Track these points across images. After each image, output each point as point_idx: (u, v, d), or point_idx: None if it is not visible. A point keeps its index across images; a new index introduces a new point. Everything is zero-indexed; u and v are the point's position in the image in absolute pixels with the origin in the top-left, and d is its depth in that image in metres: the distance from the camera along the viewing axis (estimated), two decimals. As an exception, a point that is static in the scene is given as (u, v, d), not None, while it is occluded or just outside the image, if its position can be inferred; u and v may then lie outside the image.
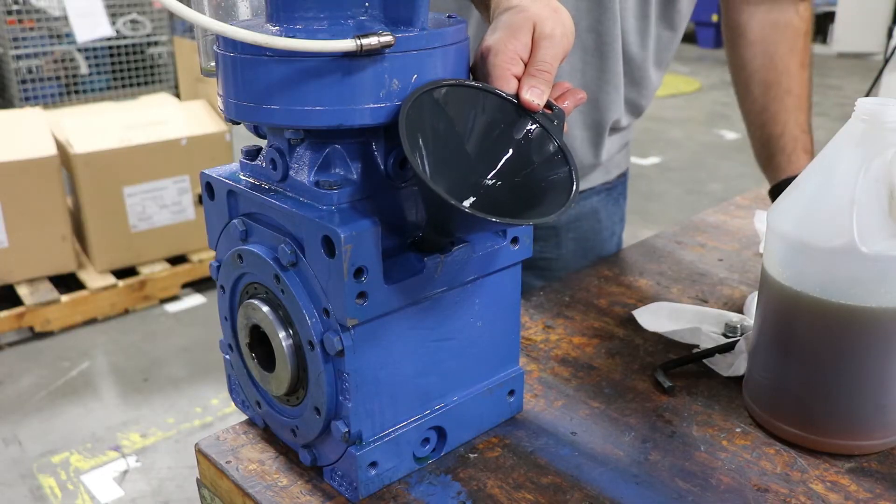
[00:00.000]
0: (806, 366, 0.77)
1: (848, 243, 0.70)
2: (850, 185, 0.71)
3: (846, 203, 0.71)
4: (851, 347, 0.74)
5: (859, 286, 0.71)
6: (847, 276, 0.71)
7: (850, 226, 0.70)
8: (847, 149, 0.73)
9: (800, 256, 0.74)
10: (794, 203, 0.76)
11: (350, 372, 0.68)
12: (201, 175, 0.78)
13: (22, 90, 3.92)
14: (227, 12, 0.82)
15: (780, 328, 0.79)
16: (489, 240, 0.75)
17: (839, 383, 0.75)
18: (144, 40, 4.21)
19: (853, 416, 0.76)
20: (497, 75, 0.69)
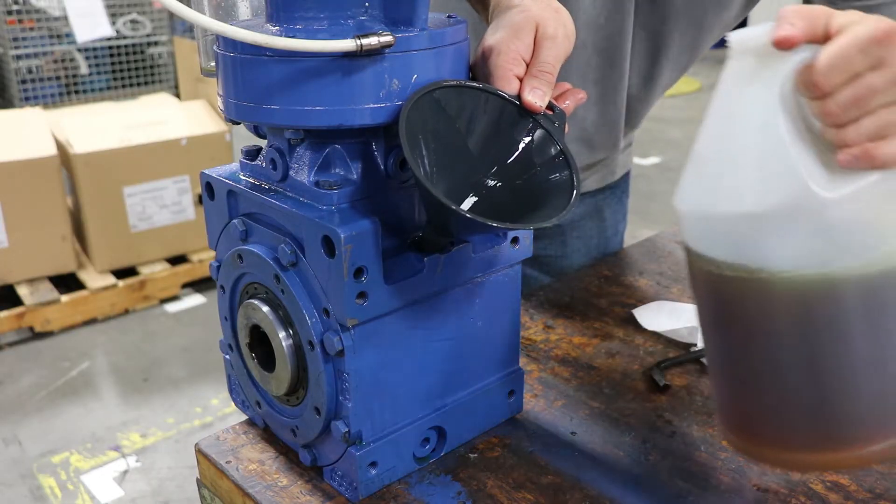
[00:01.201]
0: (782, 370, 0.62)
1: (800, 194, 0.56)
2: (769, 129, 0.57)
3: (774, 150, 0.57)
4: (845, 324, 0.59)
5: (833, 245, 0.57)
6: (814, 237, 0.57)
7: (795, 174, 0.56)
8: (742, 92, 0.59)
9: (745, 232, 0.59)
10: (705, 177, 0.61)
11: (350, 372, 0.68)
12: (201, 175, 0.78)
13: (22, 90, 3.91)
14: (227, 12, 0.82)
15: (744, 335, 0.63)
16: (489, 240, 0.75)
17: (825, 381, 0.60)
18: (144, 40, 4.21)
19: (847, 417, 0.62)
20: (499, 75, 0.69)
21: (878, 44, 0.54)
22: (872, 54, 0.54)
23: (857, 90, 0.54)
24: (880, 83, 0.54)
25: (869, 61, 0.54)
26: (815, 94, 0.55)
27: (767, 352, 0.62)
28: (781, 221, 0.57)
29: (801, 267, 0.58)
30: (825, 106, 0.55)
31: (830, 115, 0.55)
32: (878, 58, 0.54)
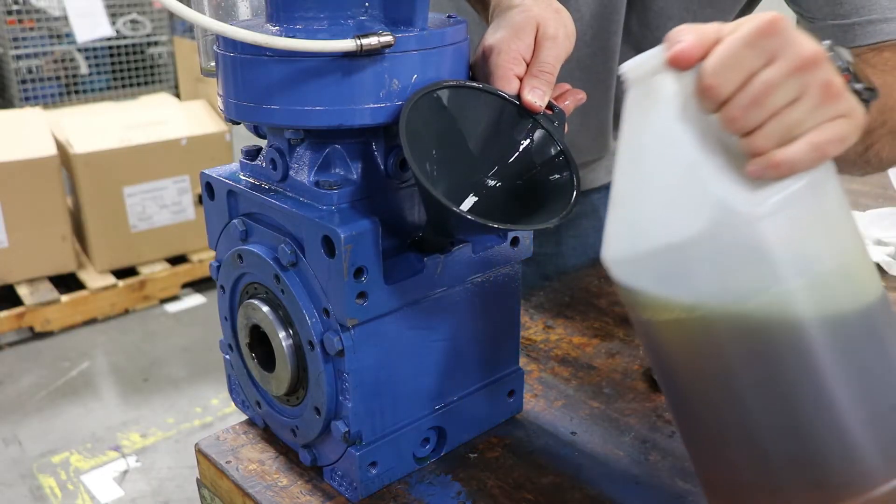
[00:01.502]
0: (752, 424, 0.55)
1: (719, 215, 0.51)
2: (675, 153, 0.54)
3: (684, 175, 0.53)
4: (810, 359, 0.53)
5: (772, 266, 0.52)
6: (748, 259, 0.52)
7: (709, 194, 0.52)
8: (643, 121, 0.56)
9: (672, 268, 0.54)
10: (625, 220, 0.57)
11: (350, 372, 0.68)
12: (201, 175, 0.78)
13: (22, 90, 3.91)
14: (227, 12, 0.82)
15: (699, 388, 0.58)
16: (489, 240, 0.75)
17: (803, 430, 0.54)
18: (144, 40, 4.20)
19: (839, 463, 0.54)
20: (499, 75, 0.69)
21: (765, 36, 0.51)
22: (762, 48, 0.51)
23: (754, 89, 0.51)
24: (776, 77, 0.51)
25: (760, 56, 0.51)
26: (713, 101, 0.52)
27: (729, 405, 0.56)
28: (706, 249, 0.52)
29: (741, 297, 0.52)
30: (726, 113, 0.52)
31: (733, 121, 0.52)
32: (769, 51, 0.51)
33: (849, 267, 0.55)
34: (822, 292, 0.53)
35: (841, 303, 0.53)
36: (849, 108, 0.52)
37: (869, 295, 0.55)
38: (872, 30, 0.88)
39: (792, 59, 0.51)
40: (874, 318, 0.55)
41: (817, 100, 0.51)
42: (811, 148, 0.51)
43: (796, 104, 0.51)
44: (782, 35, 0.51)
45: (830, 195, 0.54)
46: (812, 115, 0.51)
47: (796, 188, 0.52)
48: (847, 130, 0.52)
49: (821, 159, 0.51)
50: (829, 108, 0.51)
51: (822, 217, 0.53)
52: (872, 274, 0.57)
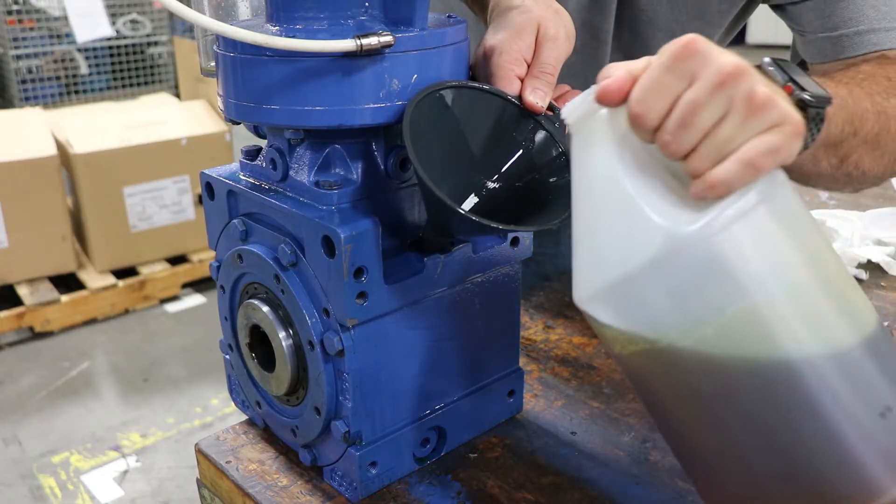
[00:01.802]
0: (737, 449, 0.55)
1: (662, 241, 0.51)
2: (615, 186, 0.54)
3: (625, 206, 0.54)
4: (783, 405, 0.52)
5: (726, 286, 0.51)
6: (700, 282, 0.51)
7: (649, 221, 0.52)
8: (586, 161, 0.57)
9: (631, 300, 0.54)
10: (585, 260, 0.57)
11: (350, 372, 0.68)
12: (201, 175, 0.78)
13: (22, 90, 3.91)
14: (227, 12, 0.82)
15: (677, 418, 0.58)
16: (489, 240, 0.75)
17: (787, 456, 0.53)
18: (144, 40, 4.21)
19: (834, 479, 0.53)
20: (500, 76, 0.69)
21: (682, 59, 0.52)
22: (681, 71, 0.52)
23: (680, 111, 0.52)
24: (699, 96, 0.51)
25: (681, 79, 0.52)
26: (644, 129, 0.53)
27: (709, 430, 0.56)
28: (656, 277, 0.52)
29: (699, 321, 0.52)
30: (659, 139, 0.53)
31: (667, 146, 0.53)
32: (689, 72, 0.52)
33: (799, 279, 0.52)
34: (779, 309, 0.51)
35: (803, 318, 0.52)
36: (780, 116, 0.51)
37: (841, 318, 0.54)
38: (860, 41, 0.88)
39: (712, 77, 0.51)
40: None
41: (744, 113, 0.51)
42: (743, 164, 0.51)
43: (725, 121, 0.51)
44: (699, 55, 0.52)
45: (781, 208, 0.53)
46: (741, 130, 0.51)
47: (738, 205, 0.51)
48: (779, 140, 0.51)
49: (755, 174, 0.51)
50: (757, 120, 0.51)
51: (772, 230, 0.52)
52: (841, 282, 0.55)
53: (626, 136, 0.55)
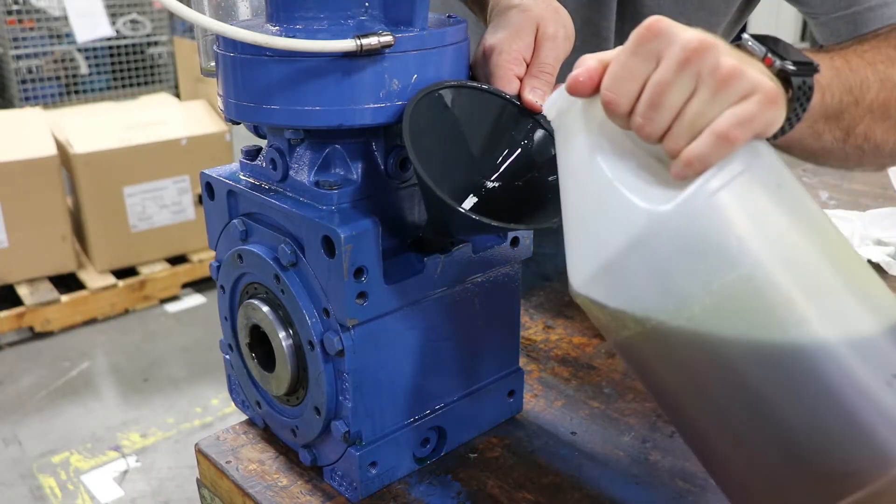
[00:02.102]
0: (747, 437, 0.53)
1: (641, 221, 0.51)
2: (595, 172, 0.55)
3: (605, 189, 0.54)
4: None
5: (708, 262, 0.50)
6: (683, 258, 0.50)
7: (628, 202, 0.52)
8: (568, 152, 0.58)
9: (619, 281, 0.53)
10: (574, 251, 0.57)
11: (350, 372, 0.68)
12: (201, 175, 0.78)
13: (22, 90, 3.91)
14: (227, 12, 0.82)
15: (676, 404, 0.57)
16: (489, 240, 0.75)
17: (791, 438, 0.51)
18: (144, 40, 4.20)
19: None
20: (500, 75, 0.69)
21: (646, 41, 0.52)
22: (646, 52, 0.52)
23: (649, 93, 0.52)
24: (666, 75, 0.51)
25: (647, 61, 0.52)
26: (618, 115, 0.54)
27: (709, 414, 0.54)
28: (636, 258, 0.52)
29: (683, 301, 0.51)
30: (633, 124, 0.53)
31: (642, 129, 0.53)
32: (654, 53, 0.52)
33: (791, 249, 0.51)
34: (767, 284, 0.50)
35: (804, 295, 0.50)
36: (750, 86, 0.51)
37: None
38: (873, 16, 0.87)
39: (676, 55, 0.51)
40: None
41: (712, 87, 0.51)
42: (715, 137, 0.50)
43: (694, 97, 0.51)
44: (663, 35, 0.52)
45: (763, 180, 0.52)
46: (712, 104, 0.51)
47: (712, 180, 0.50)
48: (751, 110, 0.51)
49: (729, 146, 0.50)
50: (726, 92, 0.51)
51: (751, 203, 0.51)
52: (828, 245, 0.53)
53: (603, 125, 0.55)
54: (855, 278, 0.53)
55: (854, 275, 0.53)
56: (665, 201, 0.51)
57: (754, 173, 0.51)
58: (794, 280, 0.50)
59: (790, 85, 0.59)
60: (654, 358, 0.56)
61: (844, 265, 0.53)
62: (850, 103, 0.73)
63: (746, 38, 0.61)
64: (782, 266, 0.50)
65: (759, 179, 0.52)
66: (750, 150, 0.52)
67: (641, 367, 0.58)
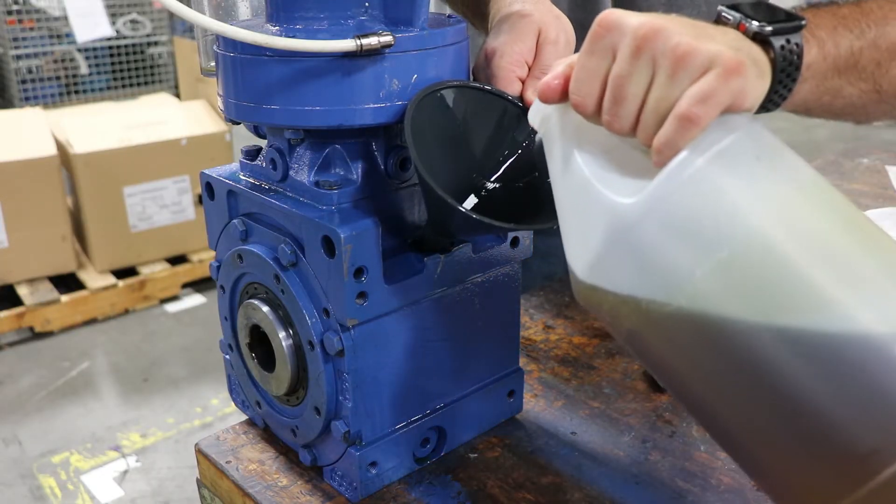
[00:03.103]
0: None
1: (616, 211, 0.51)
2: (575, 171, 0.56)
3: (585, 185, 0.55)
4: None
5: (693, 242, 0.49)
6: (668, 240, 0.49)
7: (602, 196, 0.53)
8: (552, 158, 0.59)
9: (615, 263, 0.52)
10: (570, 245, 0.57)
11: (350, 372, 0.68)
12: (201, 175, 0.78)
13: (22, 90, 3.91)
14: (227, 12, 0.82)
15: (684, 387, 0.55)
16: (489, 240, 0.75)
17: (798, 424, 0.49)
18: (144, 40, 4.21)
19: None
20: (502, 76, 0.70)
21: (599, 37, 0.52)
22: (602, 49, 0.52)
23: (611, 87, 0.52)
24: (623, 67, 0.51)
25: (604, 57, 0.52)
26: (589, 115, 0.54)
27: (713, 399, 0.52)
28: (618, 254, 0.51)
29: (671, 293, 0.49)
30: (604, 121, 0.53)
31: (612, 125, 0.53)
32: (609, 48, 0.52)
33: (774, 223, 0.48)
34: (746, 269, 0.48)
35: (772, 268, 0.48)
36: (706, 60, 0.50)
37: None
38: None
39: (628, 45, 0.51)
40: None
41: (669, 69, 0.50)
42: (678, 120, 0.49)
43: (654, 83, 0.51)
44: (615, 28, 0.52)
45: (739, 154, 0.50)
46: (672, 87, 0.50)
47: (674, 165, 0.50)
48: (709, 85, 0.49)
49: (694, 127, 0.49)
50: (684, 72, 0.50)
51: (724, 182, 0.49)
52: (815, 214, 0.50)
53: (582, 126, 0.56)
54: (855, 243, 0.50)
55: (855, 239, 0.50)
56: (634, 194, 0.51)
57: (726, 150, 0.50)
58: (778, 256, 0.48)
59: (772, 48, 0.57)
60: (651, 347, 0.55)
61: (842, 232, 0.50)
62: (866, 47, 0.67)
63: (721, 8, 0.59)
64: (762, 244, 0.48)
65: (733, 155, 0.50)
66: (722, 126, 0.50)
67: (653, 358, 0.57)
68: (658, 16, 0.51)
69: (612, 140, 0.55)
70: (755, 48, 0.56)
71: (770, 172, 0.50)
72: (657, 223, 0.49)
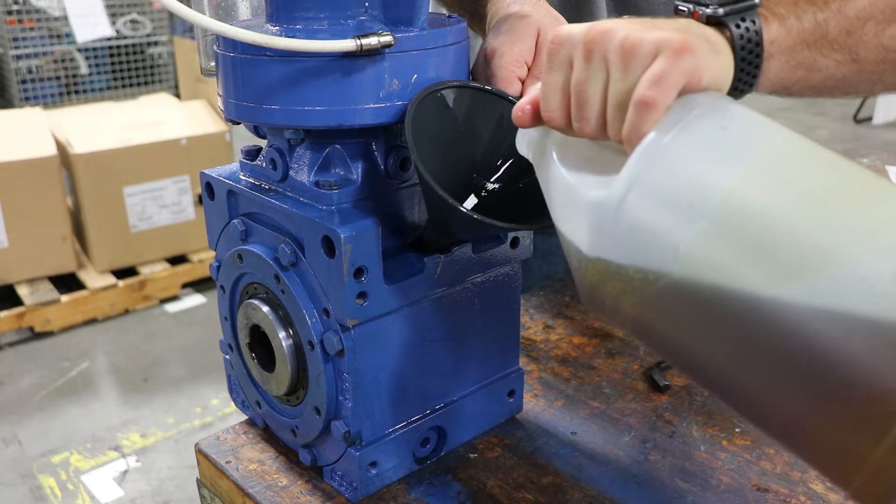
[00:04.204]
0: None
1: (592, 201, 0.53)
2: (559, 177, 0.58)
3: (569, 189, 0.56)
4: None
5: (679, 215, 0.49)
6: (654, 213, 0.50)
7: (578, 191, 0.55)
8: (541, 172, 0.62)
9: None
10: (566, 248, 0.59)
11: (350, 372, 0.68)
12: (201, 175, 0.78)
13: (22, 90, 3.91)
14: (227, 12, 0.82)
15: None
16: (489, 240, 0.75)
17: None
18: (144, 40, 4.21)
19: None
20: (502, 76, 0.70)
21: (555, 53, 0.55)
22: (559, 63, 0.55)
23: (574, 94, 0.55)
24: (579, 73, 0.54)
25: (562, 71, 0.55)
26: (563, 128, 0.57)
27: (717, 364, 0.52)
28: (604, 249, 0.52)
29: (663, 269, 0.49)
30: (575, 128, 0.56)
31: (583, 132, 0.56)
32: (565, 61, 0.55)
33: (744, 192, 0.48)
34: (727, 228, 0.48)
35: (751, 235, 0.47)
36: (653, 46, 0.51)
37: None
38: None
39: (580, 52, 0.53)
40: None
41: (620, 64, 0.52)
42: (637, 107, 0.51)
43: (611, 80, 0.53)
44: (567, 40, 0.55)
45: (700, 129, 0.50)
46: (626, 81, 0.52)
47: (637, 155, 0.51)
48: (660, 67, 0.51)
49: (653, 110, 0.51)
50: (634, 62, 0.52)
51: (690, 158, 0.50)
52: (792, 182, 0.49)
53: (562, 143, 0.59)
54: (837, 192, 0.49)
55: (837, 188, 0.49)
56: (605, 187, 0.52)
57: (689, 125, 0.51)
58: (745, 228, 0.47)
59: (727, 29, 0.59)
60: (668, 324, 0.53)
61: (822, 184, 0.49)
62: (831, 17, 0.66)
63: (677, 2, 0.62)
64: (737, 208, 0.48)
65: (698, 129, 0.50)
66: (685, 105, 0.51)
67: (662, 341, 0.56)
68: (607, 20, 0.54)
69: (592, 149, 0.58)
70: (708, 29, 0.57)
71: (739, 140, 0.51)
72: (635, 205, 0.50)
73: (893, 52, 0.68)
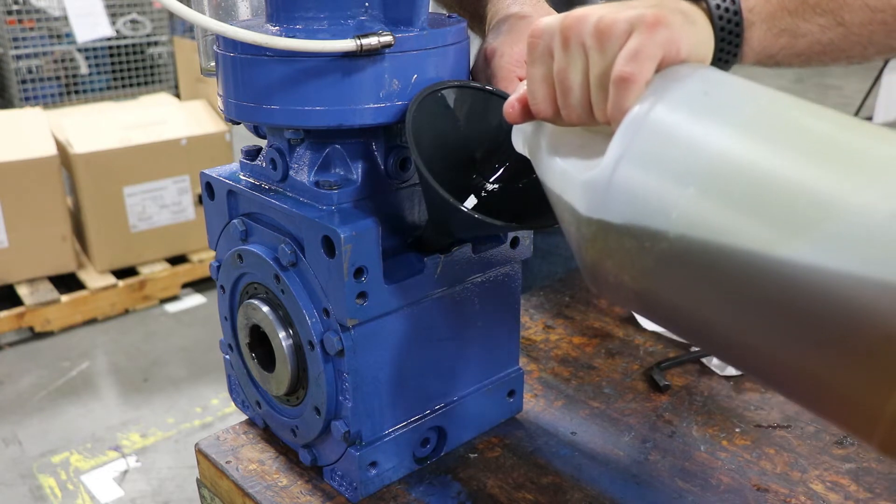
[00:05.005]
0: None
1: (585, 191, 0.53)
2: (553, 167, 0.59)
3: (563, 174, 0.57)
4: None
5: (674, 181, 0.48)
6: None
7: (577, 181, 0.55)
8: (538, 164, 0.62)
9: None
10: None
11: (350, 372, 0.68)
12: (201, 175, 0.78)
13: (22, 90, 3.91)
14: (227, 12, 0.82)
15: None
16: (489, 240, 0.75)
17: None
18: (144, 40, 4.21)
19: None
20: (502, 76, 0.70)
21: (535, 46, 0.56)
22: (540, 55, 0.56)
23: (558, 82, 0.55)
24: (560, 62, 0.55)
25: (544, 62, 0.56)
26: (553, 119, 0.57)
27: (726, 326, 0.50)
28: (599, 230, 0.52)
29: (660, 231, 0.49)
30: (563, 116, 0.57)
31: (570, 119, 0.56)
32: (545, 52, 0.56)
33: (733, 154, 0.48)
34: (718, 191, 0.47)
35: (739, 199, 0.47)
36: (627, 24, 0.52)
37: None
38: None
39: (558, 41, 0.54)
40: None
41: (597, 46, 0.53)
42: (617, 84, 0.52)
43: (590, 63, 0.54)
44: (544, 33, 0.56)
45: (682, 96, 0.50)
46: (605, 62, 0.53)
47: (620, 131, 0.51)
48: (637, 41, 0.51)
49: (633, 85, 0.51)
50: (610, 42, 0.52)
51: (675, 128, 0.50)
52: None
53: (554, 135, 0.59)
54: (826, 142, 0.48)
55: (827, 138, 0.48)
56: (593, 167, 0.53)
57: (671, 95, 0.51)
58: (737, 186, 0.47)
59: (705, 2, 0.60)
60: (676, 293, 0.52)
61: (819, 141, 0.48)
62: None
63: None
64: (726, 168, 0.47)
65: (680, 97, 0.51)
66: (665, 77, 0.52)
67: (669, 308, 0.54)
68: (581, 7, 0.55)
69: (584, 137, 0.58)
70: (683, 3, 0.58)
71: (724, 103, 0.51)
72: (625, 177, 0.50)
73: (880, 11, 0.66)
